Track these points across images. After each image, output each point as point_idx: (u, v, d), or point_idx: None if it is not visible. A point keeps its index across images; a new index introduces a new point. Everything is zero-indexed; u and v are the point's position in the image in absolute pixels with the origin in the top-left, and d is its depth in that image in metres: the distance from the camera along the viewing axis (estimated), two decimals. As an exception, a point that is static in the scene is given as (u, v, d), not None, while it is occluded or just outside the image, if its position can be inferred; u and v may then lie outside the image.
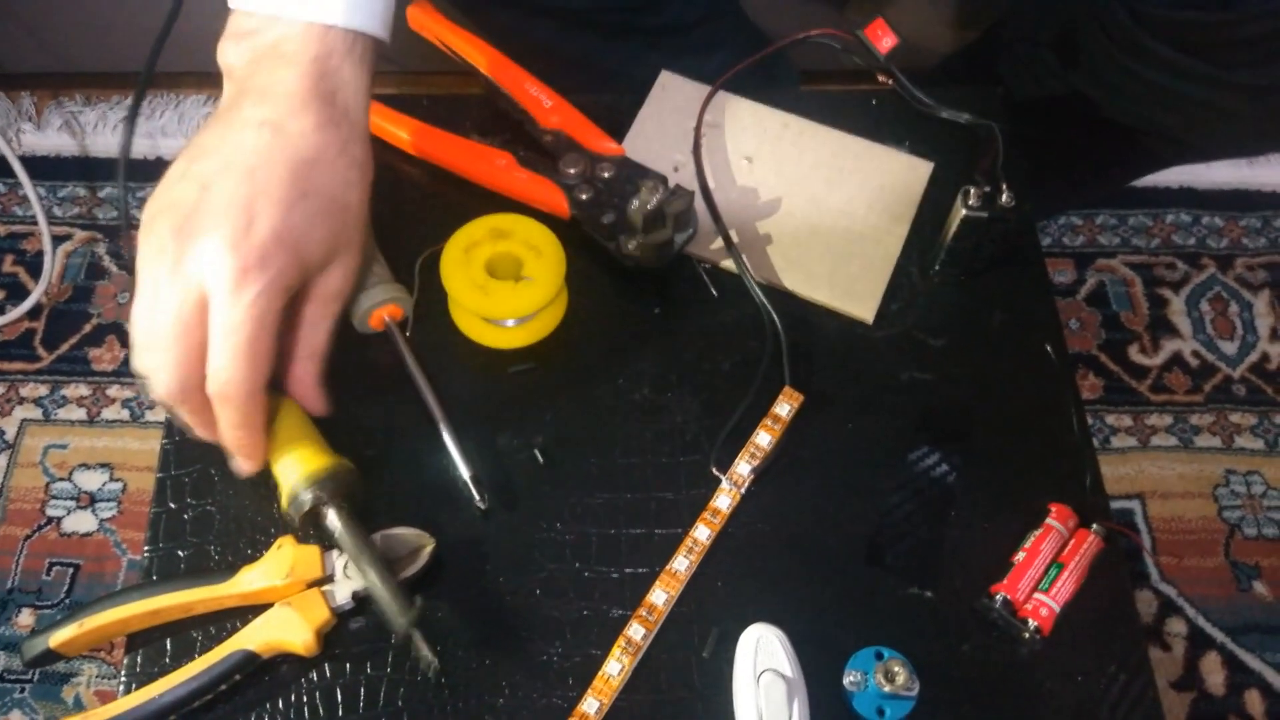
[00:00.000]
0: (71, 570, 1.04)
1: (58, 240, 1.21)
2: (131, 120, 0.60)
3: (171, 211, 0.45)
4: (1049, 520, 0.52)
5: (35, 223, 1.18)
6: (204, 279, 0.44)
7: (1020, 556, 0.52)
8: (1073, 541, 0.52)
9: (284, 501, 0.50)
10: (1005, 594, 0.51)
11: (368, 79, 0.49)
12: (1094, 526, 0.52)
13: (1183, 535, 1.07)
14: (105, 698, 0.97)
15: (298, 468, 0.50)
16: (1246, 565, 1.05)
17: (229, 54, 0.48)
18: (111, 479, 1.09)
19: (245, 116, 0.46)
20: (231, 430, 0.48)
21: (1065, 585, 0.50)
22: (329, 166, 0.47)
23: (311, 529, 0.51)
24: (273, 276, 0.44)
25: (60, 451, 1.10)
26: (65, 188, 1.26)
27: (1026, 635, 0.50)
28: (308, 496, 0.49)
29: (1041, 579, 0.51)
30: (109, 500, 1.08)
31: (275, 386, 0.50)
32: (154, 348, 0.46)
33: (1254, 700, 1.00)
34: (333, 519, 0.50)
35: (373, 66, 0.50)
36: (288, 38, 0.47)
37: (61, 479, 1.09)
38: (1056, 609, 0.50)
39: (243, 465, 0.50)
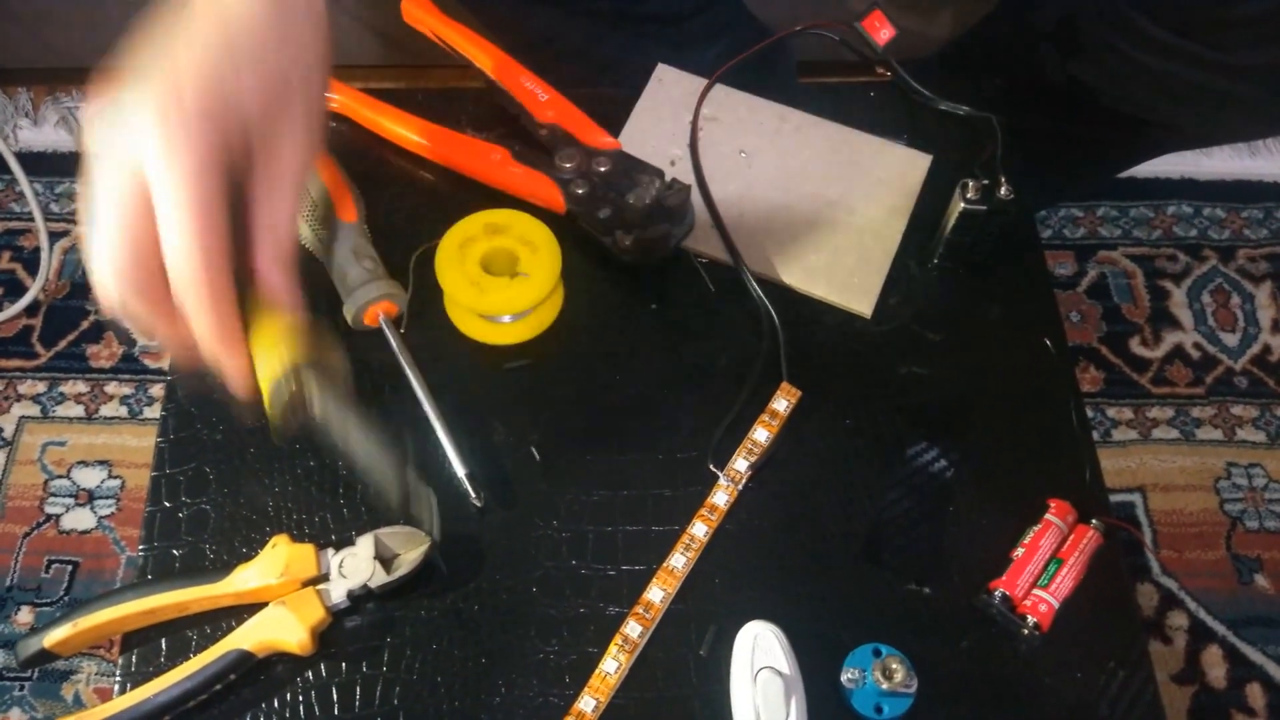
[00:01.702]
0: (70, 567, 1.04)
1: (55, 237, 1.20)
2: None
3: (109, 97, 0.44)
4: (1048, 516, 0.52)
5: (32, 219, 1.18)
6: (139, 155, 0.42)
7: (1019, 552, 0.51)
8: (1072, 537, 0.52)
9: (266, 400, 0.46)
10: (1004, 590, 0.50)
11: None
12: (1093, 521, 0.52)
13: (1184, 528, 1.06)
14: (104, 695, 0.97)
15: (277, 359, 0.46)
16: (1248, 558, 1.05)
17: None
18: (110, 476, 1.09)
19: (192, 3, 0.45)
20: (202, 326, 0.44)
21: (1064, 581, 0.50)
22: (263, 24, 0.45)
23: (297, 421, 0.47)
24: (199, 130, 0.42)
25: (59, 449, 1.10)
26: (62, 184, 1.25)
27: (1025, 631, 0.50)
28: (288, 382, 0.45)
29: (1040, 575, 0.51)
30: (107, 497, 1.07)
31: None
32: (96, 232, 0.43)
33: (1255, 694, 1.00)
34: (316, 400, 0.46)
35: None
36: None
37: (60, 476, 1.09)
38: (1056, 605, 0.50)
39: (229, 372, 0.45)
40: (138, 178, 0.42)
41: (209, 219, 0.42)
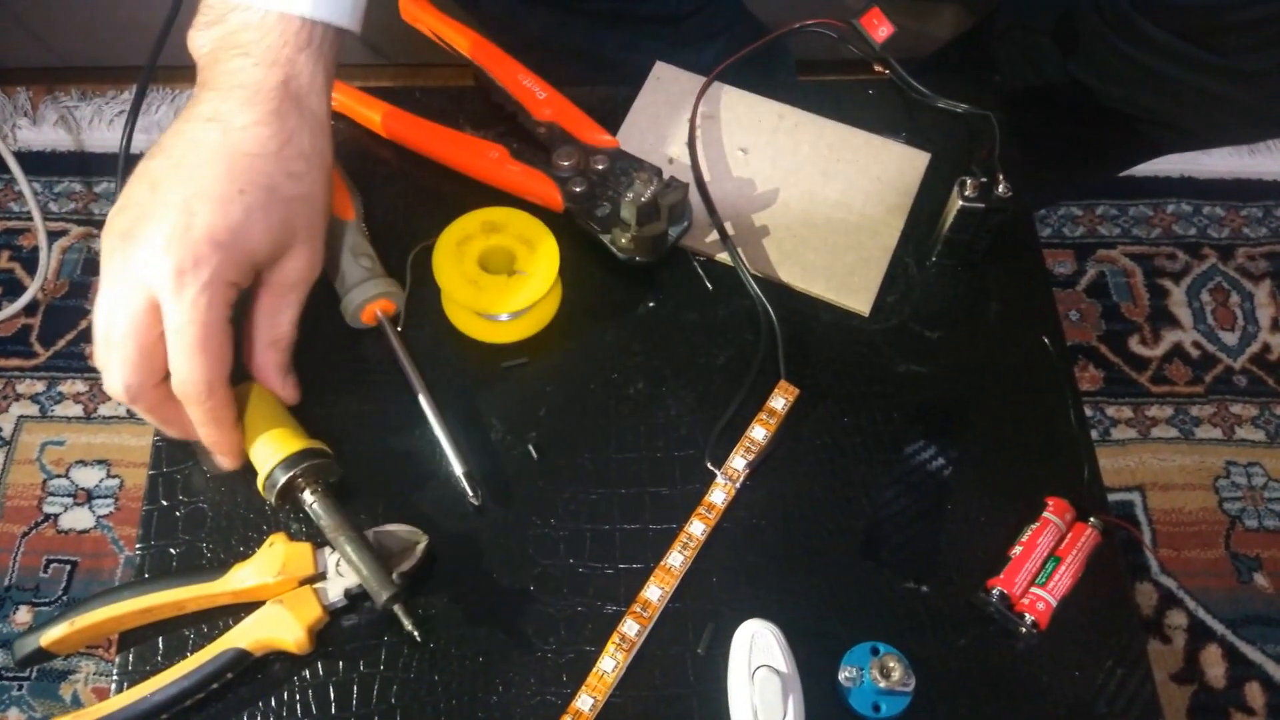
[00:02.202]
0: (69, 567, 1.04)
1: (54, 236, 1.20)
2: (133, 116, 0.60)
3: (125, 212, 0.46)
4: (1046, 514, 0.52)
5: (31, 219, 1.18)
6: (149, 280, 0.45)
7: (1017, 550, 0.51)
8: (1070, 535, 0.52)
9: (260, 484, 0.50)
10: (1002, 588, 0.50)
11: (327, 69, 0.49)
12: (1091, 520, 0.52)
13: (1183, 527, 1.06)
14: (102, 694, 0.97)
15: (270, 450, 0.50)
16: (1247, 557, 1.05)
17: (195, 42, 0.49)
18: (109, 475, 1.08)
19: (198, 111, 0.47)
20: (200, 427, 0.48)
21: (1062, 579, 0.50)
22: (271, 160, 0.47)
23: (290, 511, 0.52)
24: (211, 274, 0.45)
25: (57, 448, 1.10)
26: (61, 183, 1.25)
27: (1023, 629, 0.50)
28: (280, 476, 0.49)
29: (1039, 573, 0.51)
30: (106, 497, 1.07)
31: (247, 376, 0.51)
32: (108, 345, 0.46)
33: (1254, 693, 1.00)
34: (308, 497, 0.50)
35: (334, 57, 0.49)
36: (246, 26, 0.47)
37: (59, 475, 1.09)
38: (1054, 603, 0.50)
39: (221, 461, 0.50)
40: (148, 296, 0.45)
41: (213, 353, 0.46)
